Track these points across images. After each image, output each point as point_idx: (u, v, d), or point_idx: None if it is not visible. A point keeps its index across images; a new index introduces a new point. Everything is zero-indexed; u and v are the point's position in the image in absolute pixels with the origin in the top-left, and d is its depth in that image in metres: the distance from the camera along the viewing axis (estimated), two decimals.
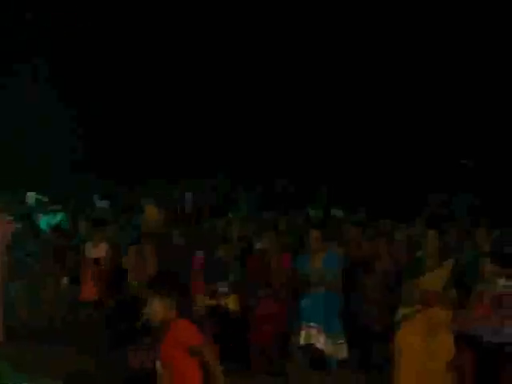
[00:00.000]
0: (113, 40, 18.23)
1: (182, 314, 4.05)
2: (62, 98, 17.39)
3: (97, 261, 8.37)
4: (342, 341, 6.60)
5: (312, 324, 6.55)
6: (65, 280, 9.00)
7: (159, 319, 4.01)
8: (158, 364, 4.15)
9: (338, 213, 12.30)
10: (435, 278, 6.13)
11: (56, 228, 10.27)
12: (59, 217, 12.02)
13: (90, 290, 8.29)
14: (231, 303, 7.58)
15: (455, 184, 15.32)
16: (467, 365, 5.83)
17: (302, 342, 6.54)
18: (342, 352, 6.56)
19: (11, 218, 9.53)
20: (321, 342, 6.45)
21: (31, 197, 13.45)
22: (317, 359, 6.49)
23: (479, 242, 7.85)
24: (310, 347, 6.51)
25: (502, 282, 6.23)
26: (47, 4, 17.91)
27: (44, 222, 11.70)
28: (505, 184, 14.93)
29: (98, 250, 8.48)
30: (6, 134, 16.25)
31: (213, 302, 7.49)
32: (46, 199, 13.50)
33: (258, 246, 8.61)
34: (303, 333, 6.56)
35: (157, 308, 3.99)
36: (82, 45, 18.28)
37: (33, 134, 17.08)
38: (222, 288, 7.56)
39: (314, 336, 6.48)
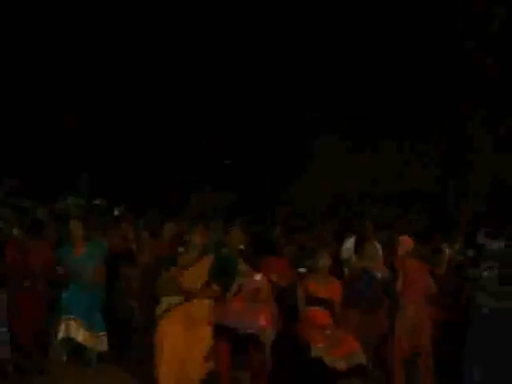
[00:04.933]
0: None
1: None
2: None
3: None
4: (103, 333, 6.54)
5: (72, 317, 6.38)
6: None
7: None
8: None
9: (101, 202, 12.11)
10: (196, 273, 6.35)
11: None
12: None
13: None
14: None
15: (218, 182, 16.00)
16: (223, 354, 6.14)
17: (61, 335, 6.35)
18: (102, 345, 6.50)
19: None
20: (81, 335, 6.32)
21: None
22: (77, 353, 6.34)
23: (231, 241, 8.14)
24: (69, 341, 6.34)
25: (258, 277, 6.67)
26: None
27: None
28: (259, 185, 15.95)
29: None
30: None
31: None
32: None
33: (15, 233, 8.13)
34: (63, 326, 6.37)
35: None
36: None
37: None
38: None
39: (74, 329, 6.32)
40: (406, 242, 7.15)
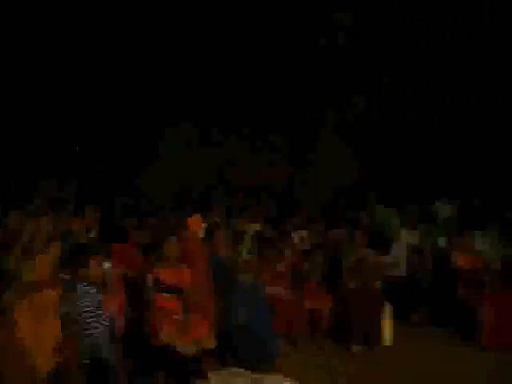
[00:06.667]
0: None
1: None
2: None
3: None
4: None
5: None
6: None
7: None
8: None
9: None
10: (43, 262, 6.21)
11: None
12: None
13: None
14: None
15: (65, 170, 15.46)
16: (72, 345, 6.05)
17: None
18: None
19: None
20: None
21: None
22: None
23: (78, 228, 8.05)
24: None
25: (106, 265, 6.59)
26: None
27: None
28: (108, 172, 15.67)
29: None
30: None
31: None
32: None
33: None
34: None
35: None
36: None
37: None
38: None
39: None
40: (193, 224, 7.42)
